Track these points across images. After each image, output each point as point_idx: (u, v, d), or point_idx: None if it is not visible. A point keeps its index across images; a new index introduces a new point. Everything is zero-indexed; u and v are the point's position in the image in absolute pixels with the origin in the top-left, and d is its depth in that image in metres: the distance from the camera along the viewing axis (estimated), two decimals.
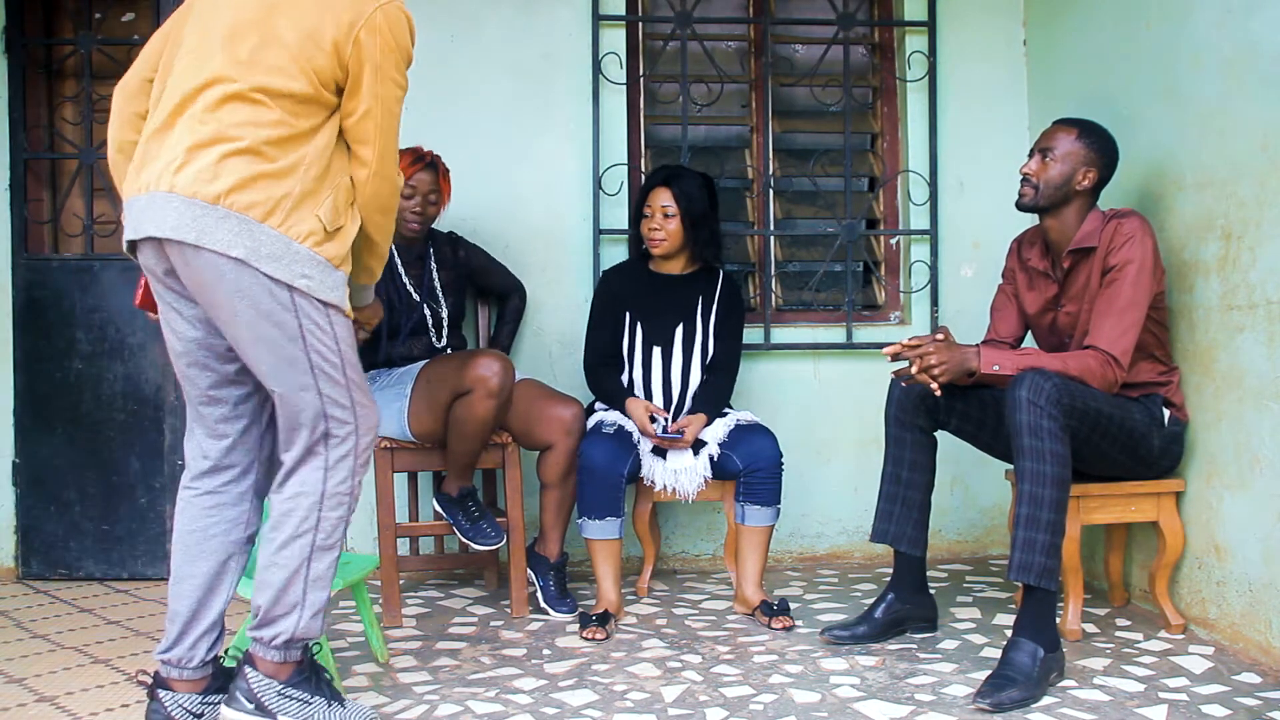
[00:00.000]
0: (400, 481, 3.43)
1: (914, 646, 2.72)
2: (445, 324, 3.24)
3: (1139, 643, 2.73)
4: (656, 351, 3.21)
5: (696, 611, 3.09)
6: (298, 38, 2.01)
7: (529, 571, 3.11)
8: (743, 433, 3.07)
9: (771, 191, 3.75)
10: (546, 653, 2.71)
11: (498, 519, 3.06)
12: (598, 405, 3.22)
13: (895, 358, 2.63)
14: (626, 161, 3.66)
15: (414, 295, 3.20)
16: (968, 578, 3.44)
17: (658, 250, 3.18)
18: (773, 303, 3.76)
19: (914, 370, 2.60)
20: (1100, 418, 2.56)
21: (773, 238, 3.75)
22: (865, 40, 3.88)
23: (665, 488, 3.08)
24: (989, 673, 2.36)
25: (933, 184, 3.71)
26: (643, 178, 3.66)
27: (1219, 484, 2.70)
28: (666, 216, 3.15)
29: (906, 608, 2.79)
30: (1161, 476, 2.81)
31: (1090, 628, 2.85)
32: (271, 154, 1.97)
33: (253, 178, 1.95)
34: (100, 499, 3.52)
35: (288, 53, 2.00)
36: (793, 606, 3.06)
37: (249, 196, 1.95)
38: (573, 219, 3.64)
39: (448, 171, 3.22)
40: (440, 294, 3.24)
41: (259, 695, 2.07)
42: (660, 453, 3.08)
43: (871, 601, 2.85)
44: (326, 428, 2.06)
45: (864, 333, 3.72)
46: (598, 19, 3.62)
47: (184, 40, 2.07)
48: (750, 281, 3.79)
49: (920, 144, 3.75)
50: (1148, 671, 2.50)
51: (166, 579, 2.26)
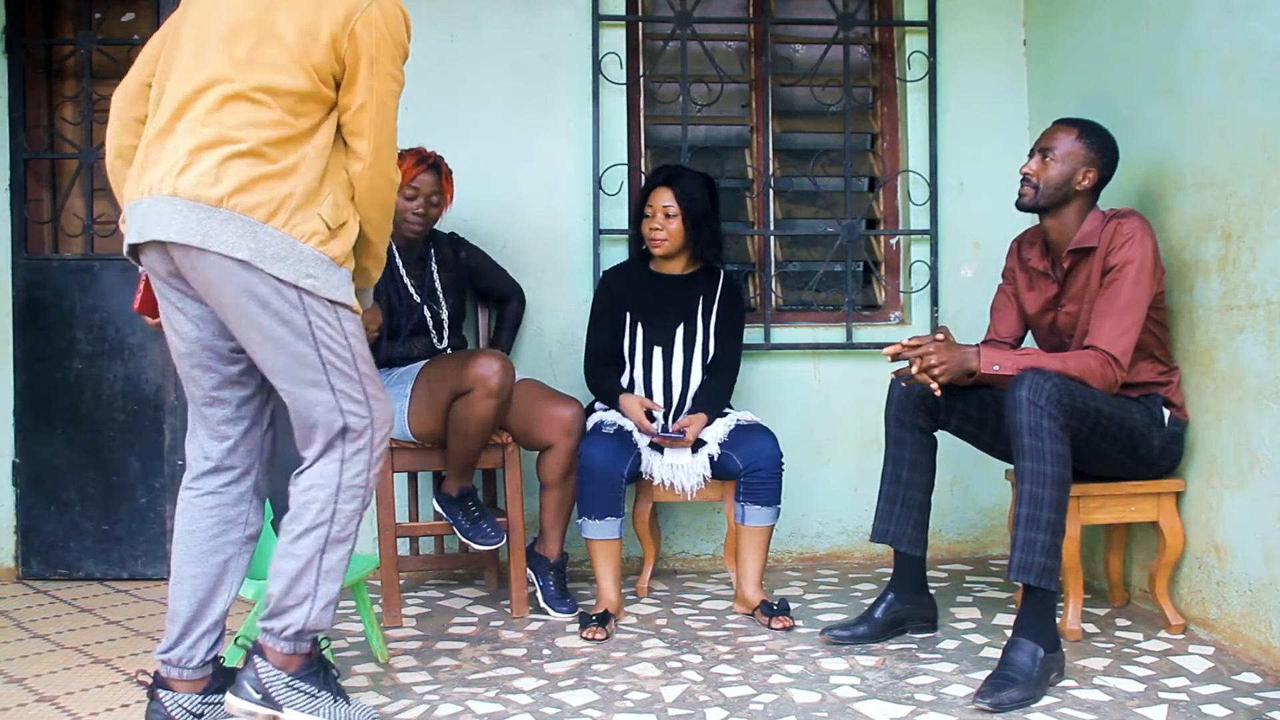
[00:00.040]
0: (400, 481, 3.43)
1: (914, 646, 2.72)
2: (445, 325, 3.24)
3: (1139, 643, 2.73)
4: (657, 351, 3.21)
5: (696, 611, 3.09)
6: (296, 34, 2.01)
7: (529, 571, 3.11)
8: (743, 433, 3.07)
9: (771, 191, 3.75)
10: (546, 653, 2.71)
11: (498, 519, 3.06)
12: (598, 405, 3.22)
13: (895, 358, 2.63)
14: (626, 161, 3.66)
15: (414, 296, 3.20)
16: (968, 578, 3.44)
17: (659, 250, 3.19)
18: (773, 303, 3.76)
19: (914, 370, 2.60)
20: (1100, 418, 2.56)
21: (773, 238, 3.75)
22: (865, 40, 3.88)
23: (664, 482, 3.08)
24: (989, 673, 2.36)
25: (933, 184, 3.71)
26: (643, 178, 3.66)
27: (1219, 484, 2.70)
28: (668, 216, 3.15)
29: (906, 608, 2.79)
30: (1161, 476, 2.81)
31: (1090, 628, 2.85)
32: (273, 155, 1.98)
33: (255, 179, 1.96)
34: (100, 499, 3.52)
35: (287, 51, 2.00)
36: (793, 606, 3.06)
37: (252, 198, 1.95)
38: (573, 219, 3.64)
39: (451, 173, 3.22)
40: (441, 295, 3.24)
41: (267, 686, 2.07)
42: (658, 447, 3.09)
43: (871, 601, 2.85)
44: (344, 423, 2.06)
45: (864, 333, 3.72)
46: (598, 19, 3.62)
47: (182, 43, 2.07)
48: (750, 281, 3.79)
49: (920, 144, 3.75)
50: (1148, 671, 2.50)
51: (166, 579, 2.26)
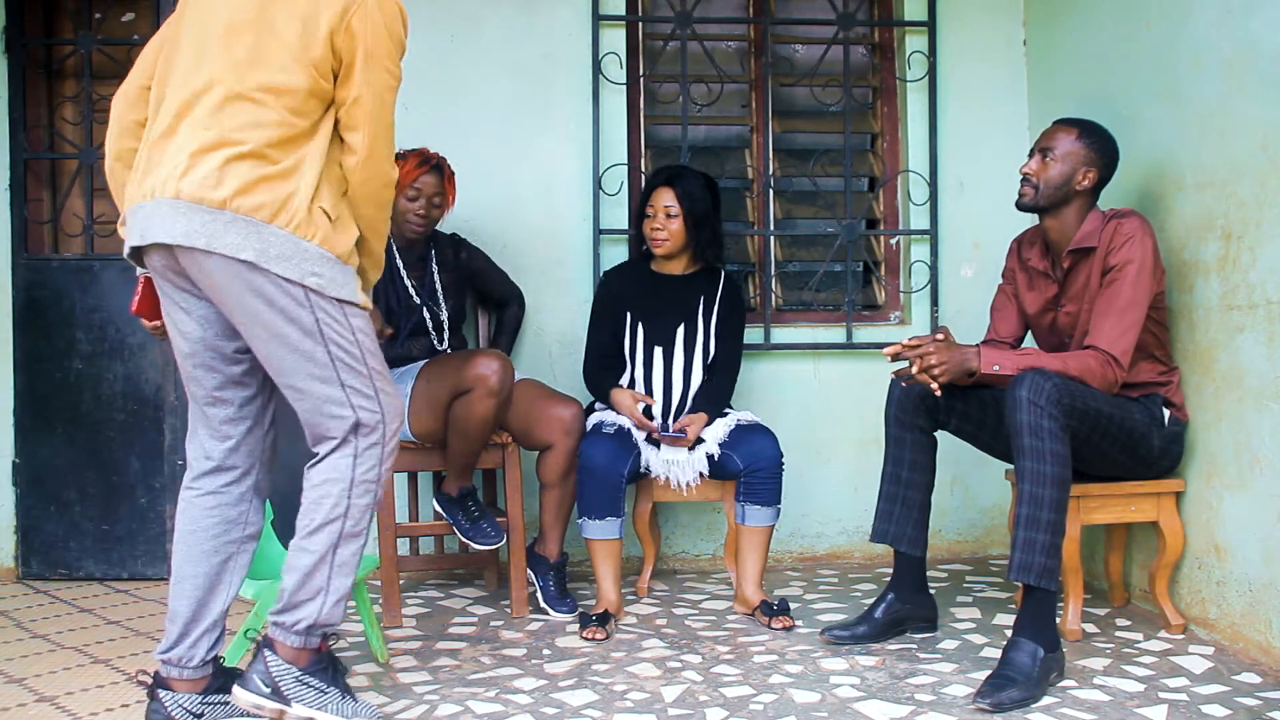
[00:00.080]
0: (400, 481, 3.43)
1: (914, 646, 2.72)
2: (445, 326, 3.24)
3: (1139, 643, 2.72)
4: (658, 351, 3.20)
5: (696, 611, 3.09)
6: (295, 31, 2.01)
7: (529, 571, 3.11)
8: (743, 433, 3.07)
9: (771, 191, 3.75)
10: (546, 653, 2.71)
11: (498, 519, 3.06)
12: (598, 405, 3.22)
13: (895, 358, 2.63)
14: (626, 161, 3.66)
15: (414, 297, 3.19)
16: (968, 578, 3.44)
17: (660, 250, 3.18)
18: (773, 303, 3.76)
19: (914, 370, 2.60)
20: (1100, 418, 2.56)
21: (773, 238, 3.75)
22: (865, 40, 3.88)
23: (660, 477, 3.07)
24: (989, 673, 2.36)
25: (933, 184, 3.71)
26: (643, 178, 3.66)
27: (1219, 484, 2.70)
28: (669, 217, 3.15)
29: (906, 608, 2.79)
30: (1161, 476, 2.81)
31: (1090, 628, 2.85)
32: (275, 156, 1.98)
33: (256, 180, 1.96)
34: (100, 499, 3.52)
35: (286, 49, 2.01)
36: (793, 606, 3.06)
37: (254, 199, 1.96)
38: (573, 219, 3.64)
39: (453, 175, 3.21)
40: (441, 296, 3.24)
41: (276, 680, 2.07)
42: (655, 442, 3.09)
43: (871, 601, 2.85)
44: (356, 418, 2.07)
45: (864, 333, 3.72)
46: (598, 19, 3.62)
47: (181, 45, 2.08)
48: (750, 281, 3.79)
49: (920, 144, 3.75)
50: (1148, 671, 2.50)
51: (166, 579, 2.26)
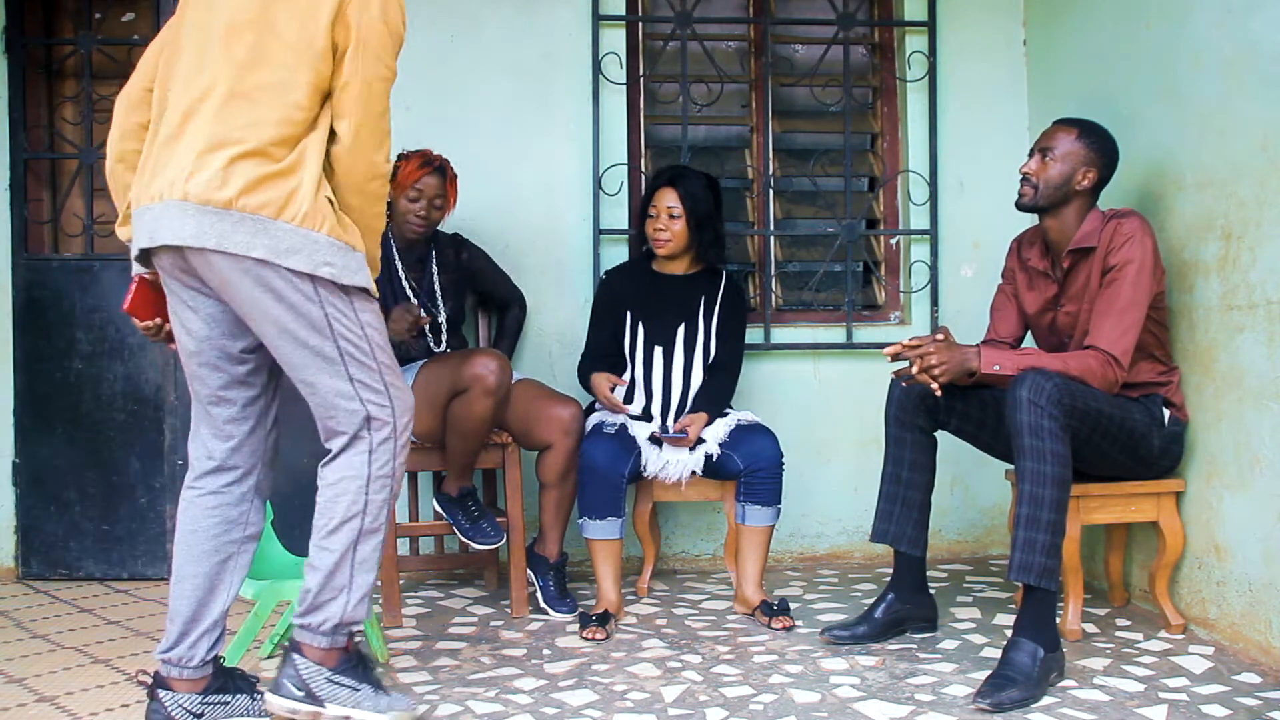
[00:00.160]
0: None
1: (914, 646, 2.72)
2: (444, 327, 3.23)
3: (1139, 643, 2.73)
4: (658, 351, 3.20)
5: (696, 611, 3.09)
6: (297, 28, 2.01)
7: (529, 571, 3.11)
8: (743, 433, 3.07)
9: (771, 191, 3.75)
10: (546, 653, 2.71)
11: (498, 519, 3.06)
12: (598, 405, 3.22)
13: (895, 358, 2.63)
14: (626, 161, 3.66)
15: (412, 299, 3.19)
16: (968, 578, 3.44)
17: (662, 251, 3.18)
18: (773, 303, 3.76)
19: (914, 370, 2.60)
20: (1100, 418, 2.56)
21: (773, 238, 3.75)
22: (865, 40, 3.88)
23: (660, 475, 3.07)
24: (989, 673, 2.36)
25: (933, 184, 3.71)
26: (643, 178, 3.66)
27: (1219, 484, 2.70)
28: (672, 217, 3.15)
29: (906, 608, 2.79)
30: (1161, 476, 2.80)
31: (1090, 628, 2.85)
32: (277, 153, 1.99)
33: (260, 179, 1.96)
34: (100, 499, 3.52)
35: (288, 47, 2.01)
36: (793, 606, 3.06)
37: (260, 197, 1.96)
38: (573, 219, 3.64)
39: (456, 177, 3.20)
40: (439, 297, 3.24)
41: (308, 682, 2.07)
42: (658, 441, 3.09)
43: (871, 601, 2.85)
44: (366, 412, 2.07)
45: (864, 333, 3.72)
46: (598, 19, 3.62)
47: (182, 46, 2.08)
48: (750, 281, 3.79)
49: (920, 144, 3.75)
50: (1148, 671, 2.50)
51: (166, 579, 2.27)
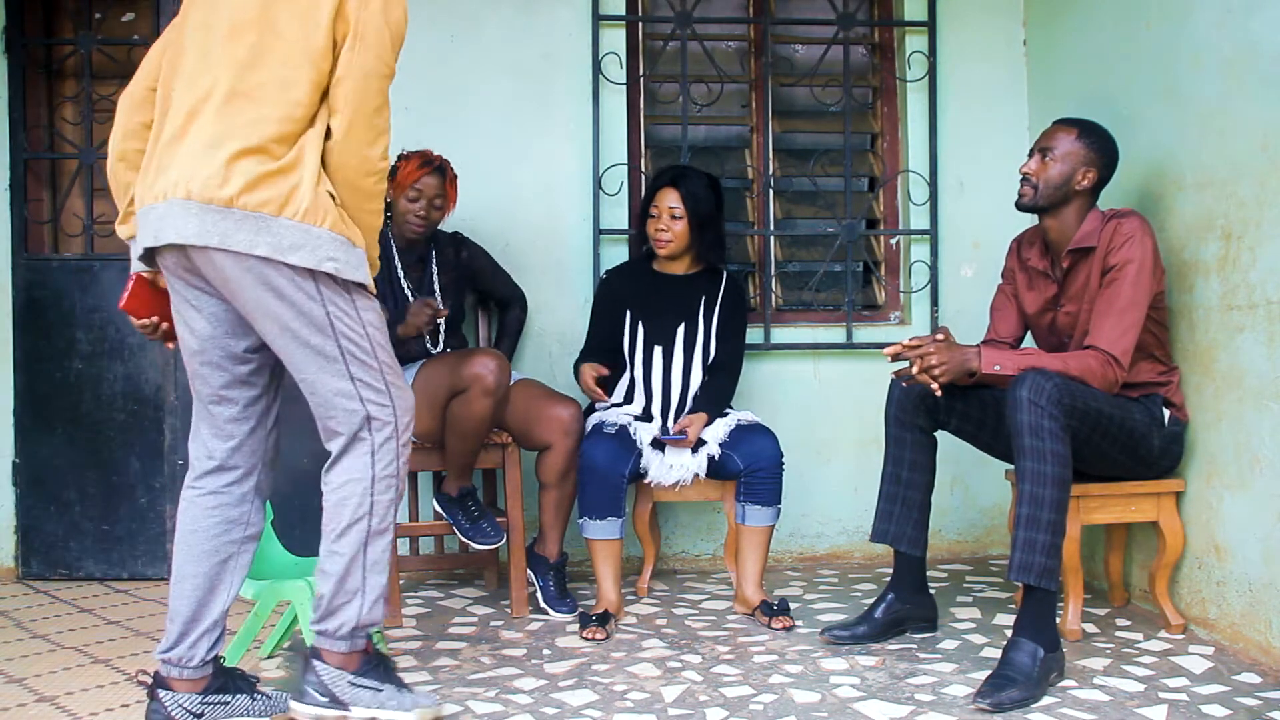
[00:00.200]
0: None
1: (914, 646, 2.72)
2: (442, 327, 3.23)
3: (1139, 643, 2.73)
4: (657, 351, 3.20)
5: (696, 611, 3.09)
6: (298, 25, 2.01)
7: (529, 571, 3.11)
8: (743, 433, 3.07)
9: (771, 191, 3.75)
10: (546, 653, 2.71)
11: (497, 519, 3.06)
12: (598, 405, 3.22)
13: (896, 358, 2.63)
14: (626, 161, 3.66)
15: (410, 299, 3.18)
16: (968, 578, 3.44)
17: (663, 251, 3.18)
18: (773, 303, 3.76)
19: (914, 370, 2.60)
20: (1101, 418, 2.56)
21: (773, 238, 3.75)
22: (865, 40, 3.88)
23: (658, 481, 3.07)
24: (989, 673, 2.36)
25: (933, 184, 3.71)
26: (643, 178, 3.66)
27: (1219, 484, 2.70)
28: (674, 218, 3.15)
29: (906, 608, 2.79)
30: (1161, 476, 2.80)
31: (1090, 628, 2.85)
32: (277, 151, 1.99)
33: (261, 176, 1.96)
34: (100, 499, 3.52)
35: (288, 45, 2.01)
36: (793, 606, 3.06)
37: (261, 195, 1.96)
38: (573, 219, 3.64)
39: (456, 177, 3.20)
40: (439, 298, 3.23)
41: (331, 688, 2.09)
42: (659, 446, 3.09)
43: (871, 601, 2.85)
44: (366, 412, 2.07)
45: (864, 333, 3.72)
46: (598, 19, 3.62)
47: (185, 47, 2.09)
48: (750, 281, 3.79)
49: (920, 144, 3.75)
50: (1148, 671, 2.50)
51: (166, 579, 2.26)
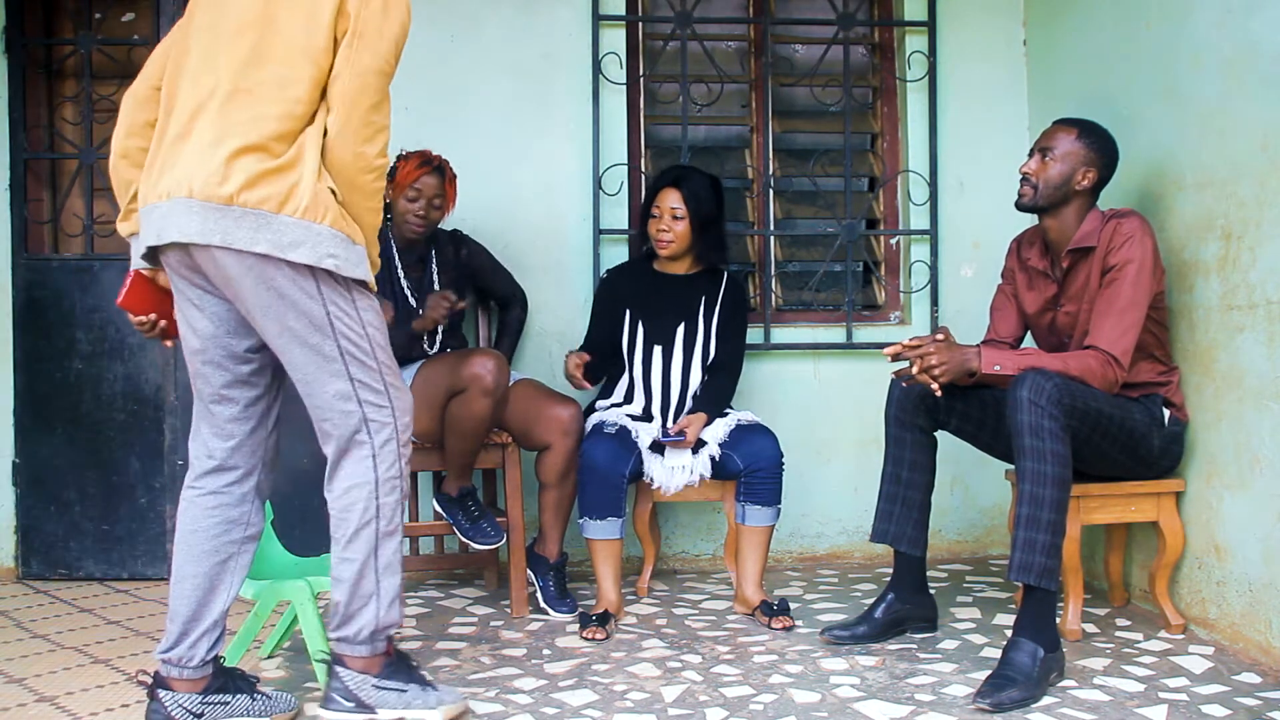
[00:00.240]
0: None
1: (914, 646, 2.72)
2: (441, 327, 3.22)
3: (1139, 643, 2.73)
4: (657, 350, 3.20)
5: (696, 611, 3.09)
6: (299, 24, 2.01)
7: (529, 571, 3.11)
8: (743, 432, 3.07)
9: (771, 191, 3.75)
10: (546, 653, 2.71)
11: (497, 519, 3.06)
12: (598, 405, 3.22)
13: (896, 358, 2.63)
14: (626, 161, 3.65)
15: (411, 300, 3.18)
16: (968, 578, 3.44)
17: (665, 252, 3.18)
18: (773, 303, 3.76)
19: (914, 370, 2.60)
20: (1101, 418, 2.56)
21: (773, 238, 3.75)
22: (865, 40, 3.88)
23: (661, 486, 3.07)
24: (989, 673, 2.36)
25: (933, 184, 3.71)
26: (643, 178, 3.66)
27: (1219, 484, 2.70)
28: (675, 218, 3.14)
29: (906, 608, 2.79)
30: (1161, 476, 2.81)
31: (1090, 628, 2.85)
32: (277, 149, 1.99)
33: (261, 174, 1.97)
34: (100, 499, 3.52)
35: (289, 43, 2.01)
36: (793, 606, 3.06)
37: (260, 192, 1.96)
38: (573, 219, 3.64)
39: (455, 177, 3.20)
40: None
41: (356, 692, 2.11)
42: (659, 449, 3.09)
43: (871, 601, 2.85)
44: (363, 414, 2.07)
45: (864, 333, 3.72)
46: (598, 19, 3.62)
47: (190, 47, 2.09)
48: (750, 281, 3.79)
49: (920, 144, 3.75)
50: (1148, 671, 2.50)
51: (166, 579, 2.27)
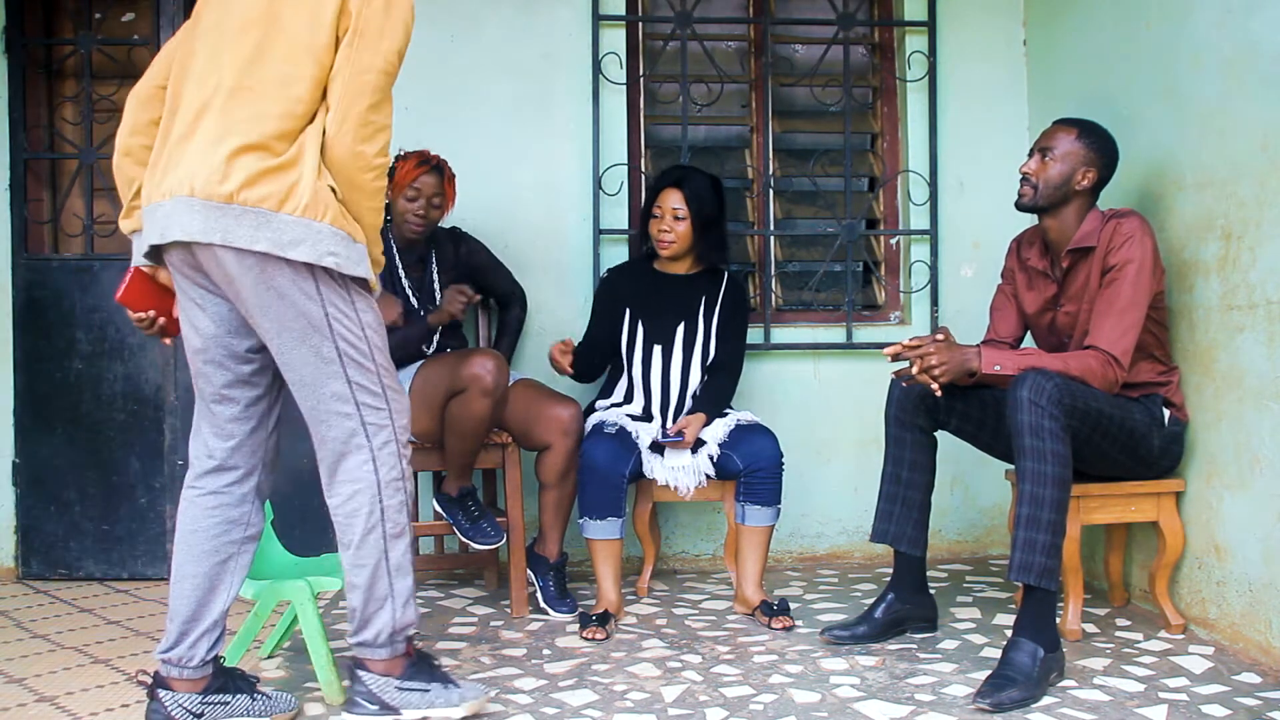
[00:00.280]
0: None
1: (914, 646, 2.72)
2: (440, 328, 3.22)
3: (1139, 643, 2.73)
4: (656, 350, 3.20)
5: (696, 611, 3.09)
6: (302, 22, 2.02)
7: (529, 571, 3.11)
8: (743, 432, 3.07)
9: (771, 191, 3.75)
10: (546, 653, 2.71)
11: (497, 519, 3.06)
12: (598, 405, 3.22)
13: (896, 358, 2.63)
14: (626, 161, 3.65)
15: (412, 300, 3.18)
16: (968, 578, 3.44)
17: (666, 252, 3.18)
18: (773, 303, 3.76)
19: (914, 370, 2.60)
20: (1101, 418, 2.56)
21: (773, 238, 3.75)
22: (865, 40, 3.88)
23: (667, 483, 3.07)
24: (989, 673, 2.36)
25: (933, 184, 3.71)
26: (643, 178, 3.66)
27: (1219, 484, 2.70)
28: (677, 219, 3.14)
29: (906, 608, 2.79)
30: (1161, 476, 2.81)
31: (1090, 628, 2.85)
32: (278, 147, 1.99)
33: (261, 173, 1.97)
34: (100, 499, 3.52)
35: (292, 41, 2.01)
36: (793, 606, 3.06)
37: (260, 190, 1.96)
38: (573, 219, 3.64)
39: (454, 176, 3.20)
40: (438, 299, 3.23)
41: (380, 695, 2.13)
42: (659, 449, 3.09)
43: (871, 601, 2.85)
44: (361, 416, 2.07)
45: (864, 333, 3.72)
46: (598, 19, 3.62)
47: (197, 48, 2.09)
48: (750, 281, 3.79)
49: (920, 144, 3.75)
50: (1148, 671, 2.50)
51: (167, 579, 2.27)
